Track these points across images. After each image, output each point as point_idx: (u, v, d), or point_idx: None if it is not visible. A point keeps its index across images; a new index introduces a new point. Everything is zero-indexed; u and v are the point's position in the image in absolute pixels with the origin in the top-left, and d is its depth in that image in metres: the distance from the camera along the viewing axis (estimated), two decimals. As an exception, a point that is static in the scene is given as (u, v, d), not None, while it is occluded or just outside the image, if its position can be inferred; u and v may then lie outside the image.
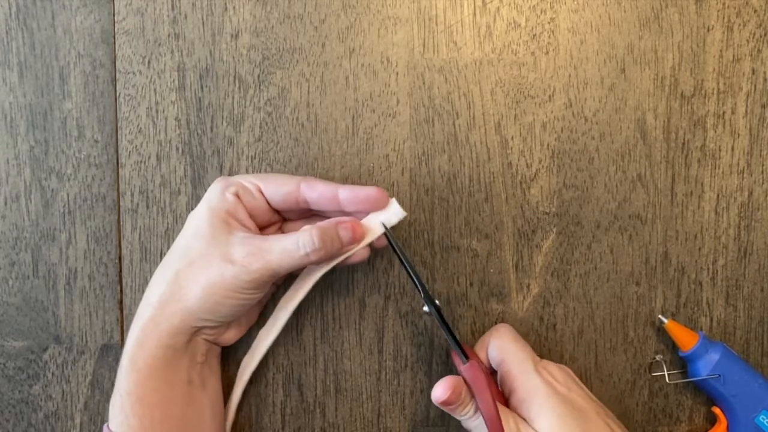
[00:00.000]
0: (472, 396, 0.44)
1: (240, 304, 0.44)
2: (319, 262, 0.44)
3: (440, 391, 0.43)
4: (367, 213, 0.45)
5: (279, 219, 0.48)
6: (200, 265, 0.43)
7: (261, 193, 0.45)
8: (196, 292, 0.43)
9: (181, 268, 0.43)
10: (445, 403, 0.43)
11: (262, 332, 0.48)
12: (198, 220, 0.44)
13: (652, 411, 0.52)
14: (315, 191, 0.44)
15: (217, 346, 0.47)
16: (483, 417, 0.44)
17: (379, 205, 0.45)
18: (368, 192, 0.44)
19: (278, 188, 0.45)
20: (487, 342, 0.47)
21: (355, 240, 0.44)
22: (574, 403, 0.44)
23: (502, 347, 0.47)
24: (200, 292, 0.43)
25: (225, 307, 0.43)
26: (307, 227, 0.44)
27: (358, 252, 0.45)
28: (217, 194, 0.44)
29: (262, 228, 0.47)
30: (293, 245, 0.42)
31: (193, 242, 0.44)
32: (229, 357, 0.50)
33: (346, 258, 0.45)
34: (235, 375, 0.49)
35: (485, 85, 0.50)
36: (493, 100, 0.50)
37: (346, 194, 0.44)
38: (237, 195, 0.44)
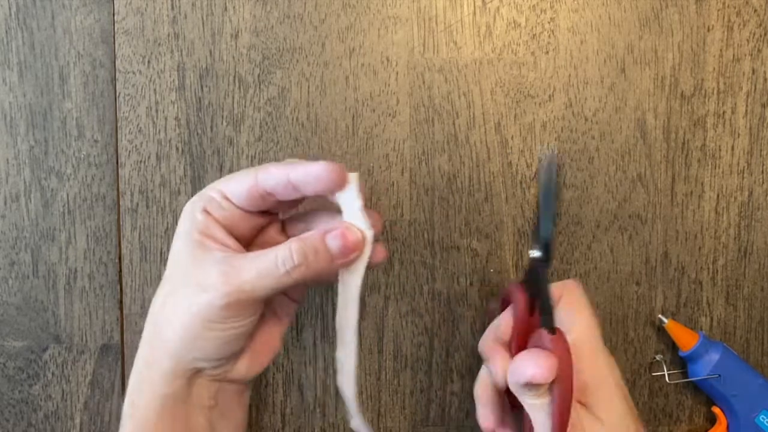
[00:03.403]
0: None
1: (226, 336, 0.37)
2: (306, 279, 0.38)
3: (543, 373, 0.35)
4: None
5: (267, 220, 0.42)
6: (178, 296, 0.38)
7: (227, 199, 0.39)
8: (175, 329, 0.37)
9: (162, 301, 0.39)
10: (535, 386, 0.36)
11: (339, 353, 0.42)
12: (175, 248, 0.39)
13: (652, 411, 0.52)
14: (271, 178, 0.38)
15: (232, 384, 0.41)
16: (552, 403, 0.37)
17: (337, 185, 0.38)
18: (317, 171, 0.37)
19: (239, 186, 0.39)
20: (557, 298, 0.41)
21: (349, 248, 0.38)
22: (629, 400, 0.40)
23: (575, 312, 0.40)
24: (179, 329, 0.37)
25: (209, 341, 0.37)
26: (291, 240, 0.38)
27: (375, 253, 0.40)
28: (186, 216, 0.39)
29: (254, 236, 0.42)
30: (270, 263, 0.37)
31: (172, 271, 0.39)
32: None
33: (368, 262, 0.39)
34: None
35: (485, 84, 0.50)
36: (493, 100, 0.50)
37: (297, 176, 0.37)
38: (206, 211, 0.39)
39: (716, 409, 0.51)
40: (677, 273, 0.51)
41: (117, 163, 0.50)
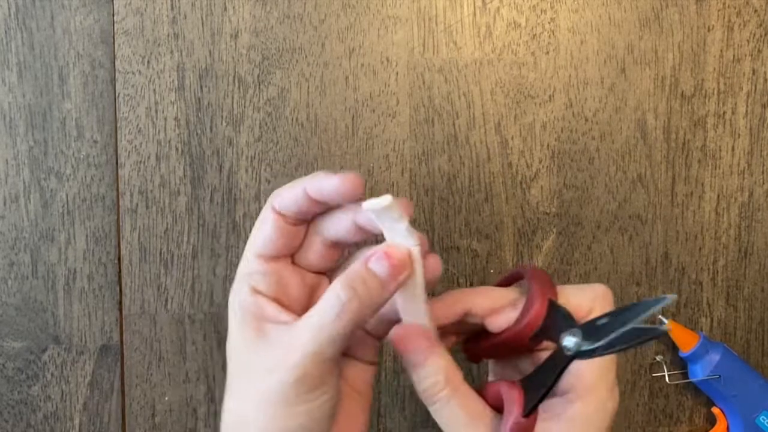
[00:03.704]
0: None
1: (310, 419, 0.33)
2: (362, 318, 0.33)
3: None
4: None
5: (317, 279, 0.38)
6: (248, 391, 0.34)
7: (263, 258, 0.36)
8: (256, 427, 0.33)
9: (232, 405, 0.35)
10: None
11: None
12: (231, 346, 0.35)
13: (652, 411, 0.52)
14: (289, 198, 0.35)
15: None
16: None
17: (355, 193, 0.34)
18: (334, 182, 0.33)
19: (265, 231, 0.35)
20: (586, 312, 0.36)
21: (397, 267, 0.34)
22: None
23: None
24: (259, 424, 0.33)
25: (295, 428, 0.33)
26: (334, 280, 0.34)
27: (428, 268, 0.35)
28: (235, 306, 0.35)
29: (308, 299, 0.37)
30: (320, 314, 0.32)
31: (234, 370, 0.35)
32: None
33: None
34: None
35: (485, 85, 0.50)
36: (493, 100, 0.50)
37: (313, 187, 0.34)
38: (254, 290, 0.35)
39: (716, 410, 0.50)
40: (677, 273, 0.51)
41: (116, 163, 0.50)
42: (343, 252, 0.38)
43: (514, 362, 0.38)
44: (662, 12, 0.51)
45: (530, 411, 0.33)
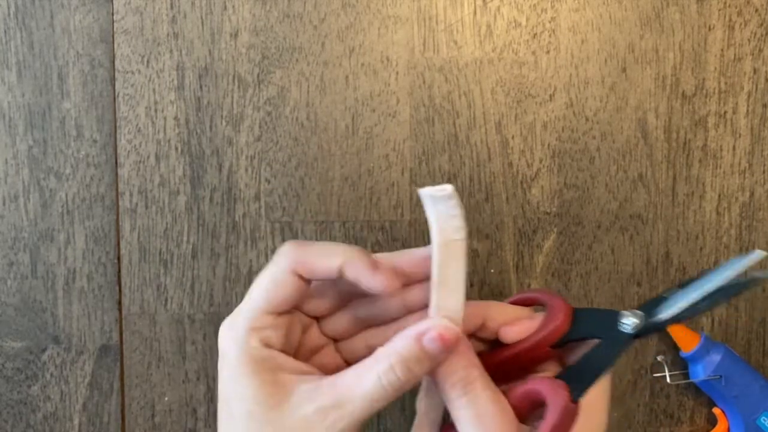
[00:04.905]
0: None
1: None
2: (402, 393, 0.33)
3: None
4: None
5: (310, 321, 0.37)
6: None
7: (273, 315, 0.34)
8: None
9: None
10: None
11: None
12: (235, 398, 0.33)
13: (653, 412, 0.52)
14: (314, 273, 0.34)
15: None
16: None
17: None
18: (374, 285, 0.33)
19: (278, 294, 0.34)
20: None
21: (450, 347, 0.33)
22: None
23: None
24: None
25: None
26: (381, 351, 0.33)
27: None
28: (240, 358, 0.33)
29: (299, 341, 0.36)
30: (376, 386, 0.32)
31: (243, 422, 0.33)
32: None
33: None
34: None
35: (486, 84, 0.50)
36: (494, 100, 0.50)
37: (350, 273, 0.34)
38: (267, 345, 0.33)
39: (717, 411, 0.50)
40: (678, 273, 0.51)
41: (116, 163, 0.50)
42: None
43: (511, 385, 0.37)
44: (663, 11, 0.50)
45: (580, 395, 0.33)
